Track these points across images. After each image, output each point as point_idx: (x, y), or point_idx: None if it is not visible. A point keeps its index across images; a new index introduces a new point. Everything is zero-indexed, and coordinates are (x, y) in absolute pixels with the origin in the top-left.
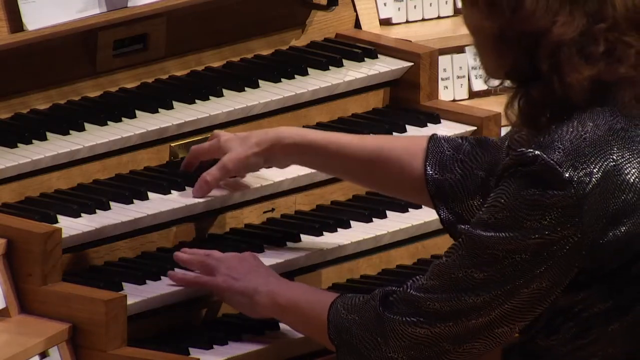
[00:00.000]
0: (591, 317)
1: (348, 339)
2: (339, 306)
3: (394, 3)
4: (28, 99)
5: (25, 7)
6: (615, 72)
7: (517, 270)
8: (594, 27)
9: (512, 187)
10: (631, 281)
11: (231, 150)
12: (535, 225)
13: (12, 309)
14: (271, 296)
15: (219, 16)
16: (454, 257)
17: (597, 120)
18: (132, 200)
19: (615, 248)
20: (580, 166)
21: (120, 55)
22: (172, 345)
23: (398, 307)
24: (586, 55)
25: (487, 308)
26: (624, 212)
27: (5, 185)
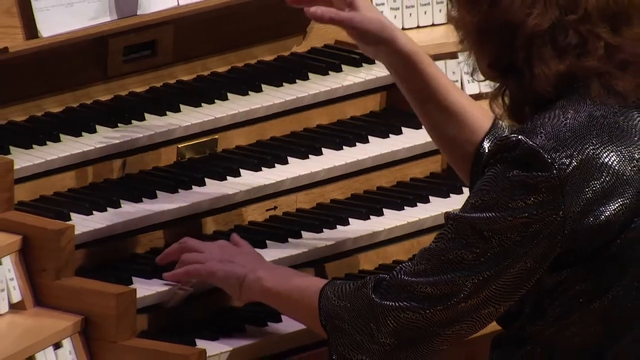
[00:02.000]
0: (574, 297)
1: (340, 324)
2: (329, 293)
3: (391, 11)
4: (42, 103)
5: (40, 15)
6: (584, 66)
7: (503, 250)
8: (565, 18)
9: (497, 171)
10: (610, 261)
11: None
12: (520, 205)
13: (28, 302)
14: (260, 282)
15: (224, 24)
16: (443, 242)
17: (578, 107)
18: (141, 198)
19: (596, 228)
20: (561, 150)
21: (130, 61)
22: (179, 337)
23: (390, 293)
24: (557, 47)
25: (476, 289)
26: (603, 194)
27: (20, 185)
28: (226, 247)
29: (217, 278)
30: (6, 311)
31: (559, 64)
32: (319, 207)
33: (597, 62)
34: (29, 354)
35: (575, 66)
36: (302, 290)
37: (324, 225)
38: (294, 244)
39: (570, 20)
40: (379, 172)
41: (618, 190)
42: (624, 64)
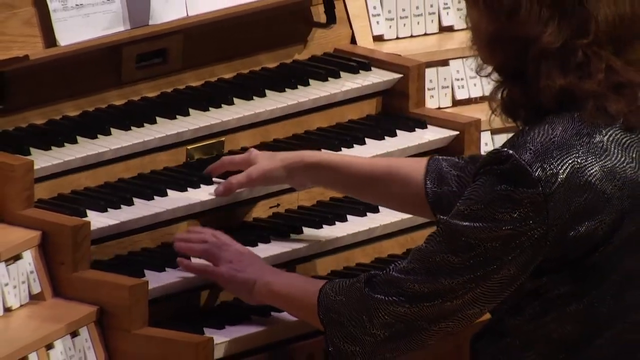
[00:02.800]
0: (552, 299)
1: (336, 317)
2: (327, 290)
3: (386, 21)
4: (60, 107)
5: (58, 25)
6: (583, 88)
7: (488, 258)
8: (577, 40)
9: (487, 183)
10: (588, 270)
11: (258, 163)
12: (506, 218)
13: (47, 294)
14: (268, 286)
15: (230, 33)
16: (432, 244)
17: (566, 124)
18: (152, 196)
19: (576, 241)
20: (548, 167)
21: (142, 68)
22: (188, 326)
23: (381, 288)
24: (564, 66)
25: (461, 291)
26: (585, 210)
27: (40, 184)
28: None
29: (228, 286)
30: (27, 302)
31: (562, 81)
32: (319, 205)
33: (596, 86)
34: (48, 341)
35: (575, 85)
36: (305, 291)
37: (323, 221)
38: (295, 239)
39: (581, 43)
40: None
41: (599, 208)
42: (619, 87)
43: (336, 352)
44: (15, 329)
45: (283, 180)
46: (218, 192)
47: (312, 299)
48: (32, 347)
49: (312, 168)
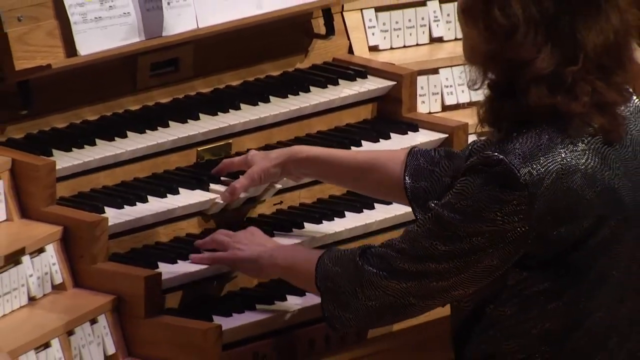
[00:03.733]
0: (533, 296)
1: (331, 286)
2: (325, 259)
3: (381, 33)
4: (80, 112)
5: (78, 36)
6: (568, 107)
7: (473, 249)
8: (567, 68)
9: (477, 181)
10: (566, 269)
11: (256, 163)
12: (492, 216)
13: (68, 284)
14: (272, 260)
15: (237, 44)
16: (423, 229)
17: (551, 133)
18: (165, 194)
19: (556, 240)
20: (535, 172)
21: (156, 76)
22: (198, 314)
23: (374, 261)
24: (551, 87)
25: (446, 274)
26: (566, 213)
27: (61, 183)
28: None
29: (237, 265)
30: (49, 291)
31: (550, 100)
32: (319, 202)
33: (581, 107)
34: (69, 328)
35: (562, 106)
36: (305, 261)
37: (323, 217)
38: (297, 234)
39: (570, 71)
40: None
41: (579, 211)
42: (603, 106)
43: (331, 317)
44: (39, 316)
45: (280, 176)
46: (225, 197)
47: (312, 269)
48: (55, 334)
49: (302, 163)
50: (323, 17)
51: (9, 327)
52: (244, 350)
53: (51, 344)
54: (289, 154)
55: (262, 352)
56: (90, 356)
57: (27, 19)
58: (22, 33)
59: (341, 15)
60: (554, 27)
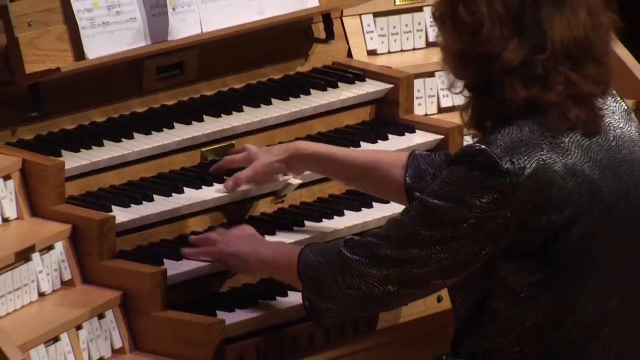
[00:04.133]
0: (523, 289)
1: (313, 276)
2: (307, 251)
3: (379, 37)
4: (89, 113)
5: (86, 40)
6: (545, 98)
7: (455, 235)
8: (535, 56)
9: (460, 170)
10: (553, 259)
11: (259, 159)
12: (475, 202)
13: (76, 280)
14: (258, 256)
15: (240, 48)
16: (407, 216)
17: (532, 126)
18: (171, 193)
19: (537, 230)
20: (516, 161)
21: (161, 79)
22: (202, 309)
23: (357, 249)
24: (525, 79)
25: (428, 261)
26: (546, 202)
27: (70, 182)
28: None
29: (224, 260)
30: (58, 287)
31: (525, 92)
32: (319, 201)
33: (557, 97)
34: (78, 322)
35: (538, 97)
36: (289, 256)
37: (323, 215)
38: (298, 231)
39: (539, 59)
40: None
41: (560, 201)
42: (579, 98)
43: (312, 307)
44: (48, 311)
45: (283, 171)
46: (227, 186)
47: (294, 261)
48: (63, 328)
49: (305, 159)
50: (323, 22)
51: (19, 321)
52: (247, 344)
53: (60, 338)
54: (293, 150)
55: (264, 346)
56: (98, 350)
57: (37, 24)
58: (32, 37)
59: (340, 21)
60: (519, 20)
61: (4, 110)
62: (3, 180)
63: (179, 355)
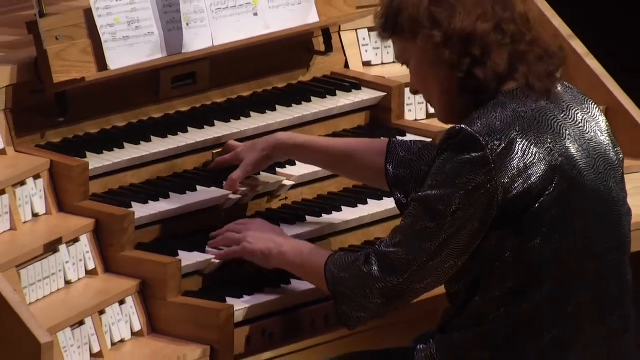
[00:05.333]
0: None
1: (342, 290)
2: (331, 267)
3: (373, 50)
4: (111, 119)
5: (109, 52)
6: (519, 49)
7: (455, 217)
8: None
9: (447, 158)
10: (529, 222)
11: (246, 157)
12: (464, 180)
13: (99, 270)
14: (281, 256)
15: (248, 60)
16: (410, 218)
17: (505, 106)
18: (185, 191)
19: (519, 195)
20: (492, 135)
21: (176, 88)
22: (213, 295)
23: (376, 263)
24: (499, 40)
25: (439, 249)
26: (524, 169)
27: (94, 181)
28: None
29: (249, 257)
30: (83, 276)
31: (504, 52)
32: (319, 198)
33: (525, 46)
34: (101, 308)
35: (512, 51)
36: (313, 263)
37: (323, 211)
38: (300, 226)
39: (506, 18)
40: None
41: (534, 167)
42: (539, 56)
43: (345, 317)
44: (74, 298)
45: (270, 162)
46: (226, 187)
47: (319, 270)
48: (88, 313)
49: (287, 150)
50: (322, 36)
51: (48, 307)
52: (253, 327)
53: (85, 322)
54: (274, 144)
55: (269, 329)
56: (119, 332)
57: (64, 38)
58: (60, 50)
59: (338, 35)
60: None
61: (34, 116)
62: (33, 179)
63: (192, 338)
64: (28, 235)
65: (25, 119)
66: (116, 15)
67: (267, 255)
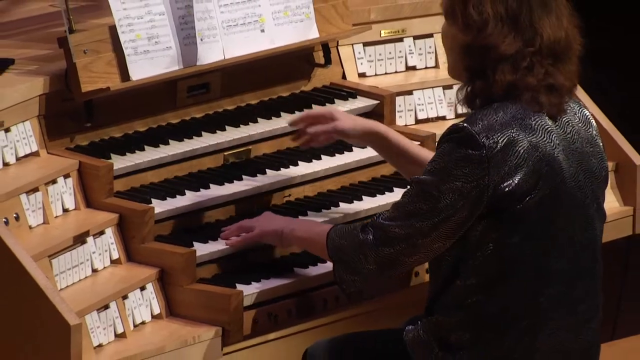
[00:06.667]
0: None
1: (341, 256)
2: (333, 235)
3: (367, 63)
4: (132, 124)
5: (131, 65)
6: (526, 81)
7: (447, 204)
8: (526, 49)
9: (447, 148)
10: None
11: (341, 119)
12: (459, 173)
13: (123, 259)
14: (293, 233)
15: (255, 71)
16: (408, 197)
17: (506, 110)
18: (199, 189)
19: (507, 193)
20: (491, 137)
21: (191, 96)
22: (224, 282)
23: (372, 233)
24: (514, 66)
25: (429, 230)
26: (515, 171)
27: (118, 180)
28: (268, 215)
29: (264, 238)
30: (108, 265)
31: (511, 76)
32: (319, 195)
33: (535, 81)
34: (124, 293)
35: (520, 80)
36: (319, 235)
37: (322, 207)
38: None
39: (529, 51)
40: (360, 171)
41: (522, 171)
42: (551, 88)
43: (341, 280)
44: (100, 284)
45: (353, 140)
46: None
47: (324, 242)
48: (112, 298)
49: (379, 138)
50: (322, 50)
51: (76, 292)
52: (260, 311)
53: (109, 306)
54: (374, 128)
55: (275, 312)
56: (140, 315)
57: (91, 52)
58: (87, 63)
59: (336, 49)
60: (516, 20)
61: (64, 122)
62: (64, 178)
63: (205, 320)
64: (59, 228)
65: (57, 124)
66: (138, 32)
67: (279, 234)
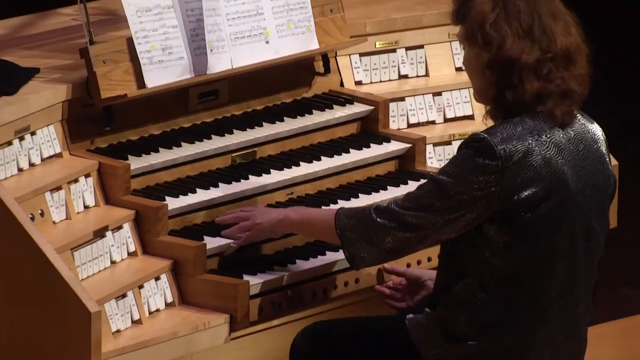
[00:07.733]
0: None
1: (349, 235)
2: (341, 215)
3: (363, 71)
4: (148, 128)
5: (147, 73)
6: (547, 87)
7: (459, 204)
8: (544, 56)
9: (466, 153)
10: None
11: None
12: (474, 179)
13: (138, 251)
14: (287, 219)
15: (261, 80)
16: (423, 191)
17: (525, 124)
18: (209, 187)
19: (517, 203)
20: (507, 149)
21: (202, 102)
22: (232, 273)
23: (385, 215)
24: (537, 74)
25: (439, 225)
26: (527, 183)
27: (134, 179)
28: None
29: (264, 230)
30: (125, 257)
31: (537, 83)
32: (319, 193)
33: (555, 88)
34: (140, 283)
35: (543, 87)
36: (320, 217)
37: (322, 204)
38: None
39: (547, 58)
40: (357, 171)
41: (535, 184)
42: (564, 94)
43: (351, 257)
44: (118, 275)
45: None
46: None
47: (328, 222)
48: (129, 287)
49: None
50: (322, 60)
51: (96, 282)
52: (265, 299)
53: (127, 295)
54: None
55: (278, 300)
56: (155, 303)
57: (110, 62)
58: (106, 71)
59: (335, 59)
60: (530, 31)
61: (85, 126)
62: (84, 177)
63: (215, 307)
64: (80, 223)
65: (78, 128)
66: (153, 43)
67: (274, 225)
